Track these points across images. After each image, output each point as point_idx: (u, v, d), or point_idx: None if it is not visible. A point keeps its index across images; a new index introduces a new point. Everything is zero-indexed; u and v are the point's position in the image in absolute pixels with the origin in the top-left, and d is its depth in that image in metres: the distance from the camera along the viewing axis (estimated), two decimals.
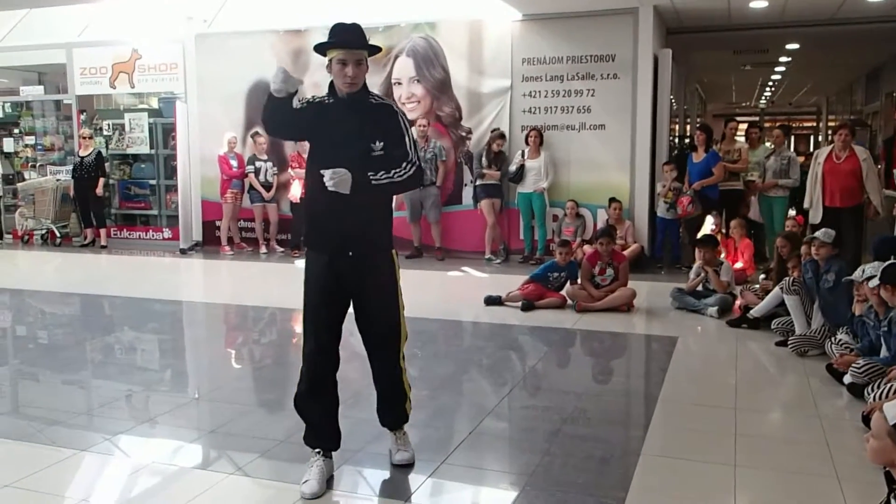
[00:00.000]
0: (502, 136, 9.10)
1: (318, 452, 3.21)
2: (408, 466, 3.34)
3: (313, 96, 3.18)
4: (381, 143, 3.11)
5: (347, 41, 3.06)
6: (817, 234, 5.43)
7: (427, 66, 9.61)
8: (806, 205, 7.55)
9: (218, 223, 10.47)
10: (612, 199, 8.70)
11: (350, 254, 3.11)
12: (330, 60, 3.07)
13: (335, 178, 2.94)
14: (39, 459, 3.44)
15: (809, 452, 3.55)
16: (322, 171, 2.97)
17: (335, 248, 3.12)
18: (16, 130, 12.27)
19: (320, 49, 3.12)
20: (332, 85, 3.14)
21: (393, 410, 3.41)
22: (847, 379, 4.33)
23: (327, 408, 3.24)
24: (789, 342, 5.29)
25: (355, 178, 2.97)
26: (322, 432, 3.25)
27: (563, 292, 6.79)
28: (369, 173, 3.01)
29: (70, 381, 4.95)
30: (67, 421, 4.00)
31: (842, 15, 9.24)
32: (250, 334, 6.44)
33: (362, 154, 3.06)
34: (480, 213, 9.22)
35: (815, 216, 7.28)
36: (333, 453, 3.30)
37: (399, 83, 9.74)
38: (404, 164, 3.10)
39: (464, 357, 5.52)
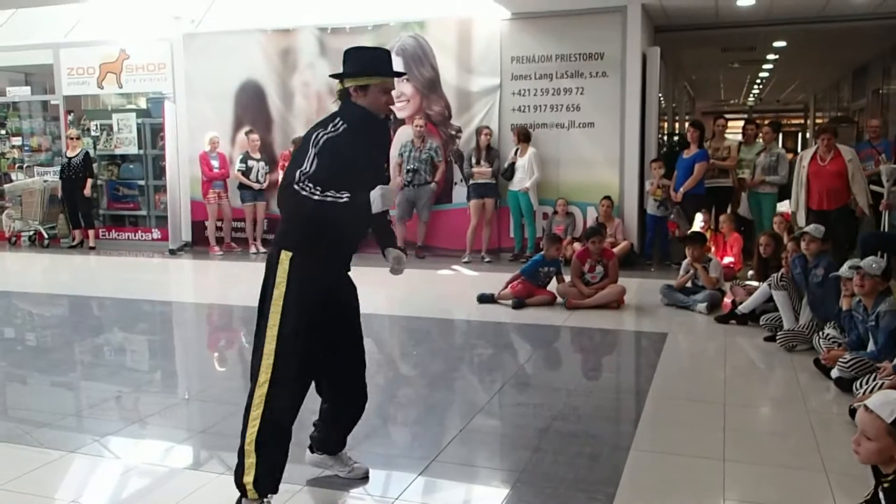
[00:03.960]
0: (486, 126, 9.13)
1: (268, 497, 2.87)
2: (366, 478, 3.22)
3: (329, 135, 2.82)
4: (387, 165, 3.33)
5: (390, 71, 2.97)
6: (807, 228, 5.45)
7: (416, 64, 9.60)
8: (792, 208, 7.44)
9: (207, 223, 10.44)
10: (605, 197, 8.73)
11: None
12: (361, 87, 2.90)
13: (386, 197, 2.76)
14: (28, 462, 3.42)
15: (798, 446, 3.57)
16: (378, 189, 2.75)
17: (346, 260, 3.05)
18: (2, 131, 12.20)
19: (342, 75, 2.94)
20: (347, 108, 2.93)
21: (354, 425, 3.22)
22: (835, 373, 4.36)
23: (288, 443, 2.92)
24: (777, 337, 5.31)
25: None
26: (281, 471, 2.90)
27: (554, 290, 6.81)
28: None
29: (59, 382, 4.92)
30: (56, 423, 3.98)
31: (828, 12, 9.30)
32: (239, 334, 6.42)
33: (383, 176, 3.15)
34: (467, 213, 9.24)
35: (801, 219, 7.20)
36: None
37: None
38: None
39: (455, 355, 5.53)
